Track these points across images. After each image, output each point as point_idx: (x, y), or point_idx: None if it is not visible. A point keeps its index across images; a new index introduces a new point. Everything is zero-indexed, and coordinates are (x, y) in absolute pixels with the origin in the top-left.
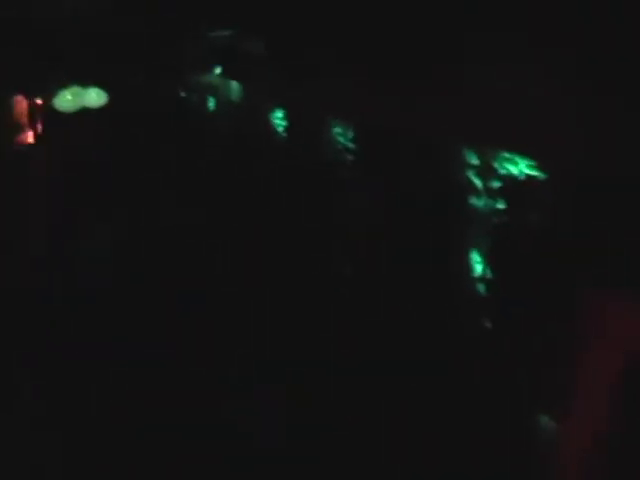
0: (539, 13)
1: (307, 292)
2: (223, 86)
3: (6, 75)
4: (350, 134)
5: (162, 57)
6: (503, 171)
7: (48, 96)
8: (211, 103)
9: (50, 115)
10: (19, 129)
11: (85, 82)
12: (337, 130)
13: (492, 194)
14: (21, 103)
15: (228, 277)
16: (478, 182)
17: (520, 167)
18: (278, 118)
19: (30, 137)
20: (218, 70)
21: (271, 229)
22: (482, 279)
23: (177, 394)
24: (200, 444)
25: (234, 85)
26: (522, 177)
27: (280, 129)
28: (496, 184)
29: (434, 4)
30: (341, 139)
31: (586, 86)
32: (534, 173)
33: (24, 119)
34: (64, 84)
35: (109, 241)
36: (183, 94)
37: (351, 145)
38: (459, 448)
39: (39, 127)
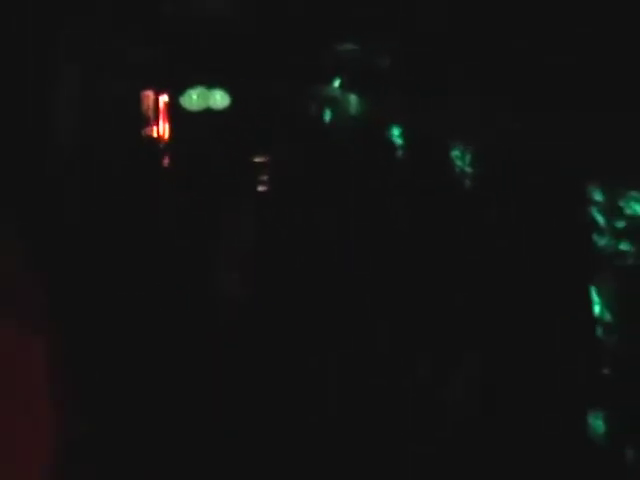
0: None
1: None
2: (342, 98)
3: (137, 70)
4: (468, 157)
5: (286, 65)
6: (629, 211)
7: (175, 94)
8: (328, 115)
9: (175, 112)
10: (145, 123)
11: (210, 84)
12: (455, 152)
13: (615, 234)
14: (149, 98)
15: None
16: (601, 220)
17: None
18: (395, 135)
19: (154, 131)
20: (338, 82)
21: (386, 252)
22: (599, 321)
23: None
24: None
25: (353, 98)
26: None
27: (396, 147)
28: (620, 224)
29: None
30: (459, 162)
31: None
32: None
33: (150, 114)
34: (191, 84)
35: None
36: (302, 103)
37: (469, 169)
38: None
39: (164, 123)
